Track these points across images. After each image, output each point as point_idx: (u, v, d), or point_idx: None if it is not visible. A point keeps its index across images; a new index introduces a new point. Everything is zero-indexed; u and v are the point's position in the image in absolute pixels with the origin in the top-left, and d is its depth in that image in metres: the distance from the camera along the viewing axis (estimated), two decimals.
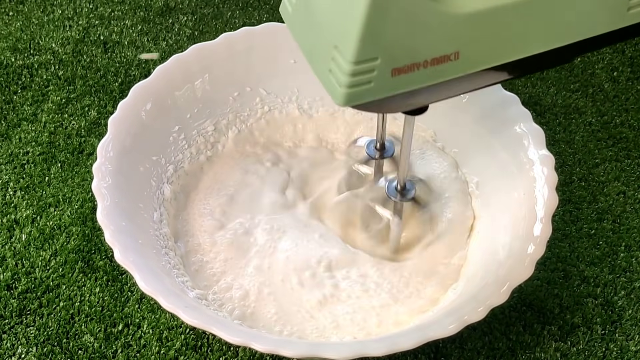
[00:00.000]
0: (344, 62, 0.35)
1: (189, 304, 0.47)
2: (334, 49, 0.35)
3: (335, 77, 0.36)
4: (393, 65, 0.36)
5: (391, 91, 0.37)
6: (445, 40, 0.36)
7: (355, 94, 0.36)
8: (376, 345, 0.44)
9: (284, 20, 0.41)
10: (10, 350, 0.51)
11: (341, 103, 0.36)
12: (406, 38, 0.35)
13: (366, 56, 0.35)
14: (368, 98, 0.36)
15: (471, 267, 0.54)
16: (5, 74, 0.71)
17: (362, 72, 0.35)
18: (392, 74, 0.36)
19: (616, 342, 0.52)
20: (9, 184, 0.61)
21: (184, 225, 0.57)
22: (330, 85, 0.37)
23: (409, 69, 0.36)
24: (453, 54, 0.37)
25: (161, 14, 0.79)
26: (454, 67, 0.37)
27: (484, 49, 0.38)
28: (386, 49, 0.35)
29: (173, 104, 0.59)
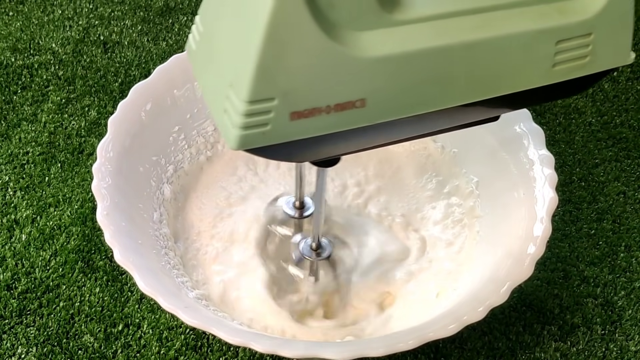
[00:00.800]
0: (237, 101, 0.32)
1: (189, 304, 0.47)
2: (230, 87, 0.32)
3: (230, 117, 0.32)
4: (292, 109, 0.32)
5: (291, 136, 0.33)
6: (349, 86, 0.33)
7: (249, 137, 0.32)
8: (376, 345, 0.44)
9: (189, 57, 0.38)
10: (10, 350, 0.51)
11: (234, 146, 0.32)
12: (306, 79, 0.32)
13: (261, 96, 0.31)
14: (264, 142, 0.33)
15: (471, 267, 0.54)
16: (5, 74, 0.71)
17: (257, 113, 0.32)
18: (290, 118, 0.32)
19: (616, 342, 0.52)
20: (9, 184, 0.61)
21: (184, 226, 0.57)
22: (224, 127, 0.33)
23: (309, 113, 0.33)
24: (358, 100, 0.33)
25: (161, 14, 0.79)
26: (360, 115, 0.34)
27: (393, 98, 0.34)
28: (284, 90, 0.32)
29: (173, 104, 0.59)
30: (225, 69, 0.33)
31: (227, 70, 0.33)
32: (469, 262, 0.55)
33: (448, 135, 0.61)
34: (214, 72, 0.34)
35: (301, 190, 0.52)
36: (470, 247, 0.56)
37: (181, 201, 0.58)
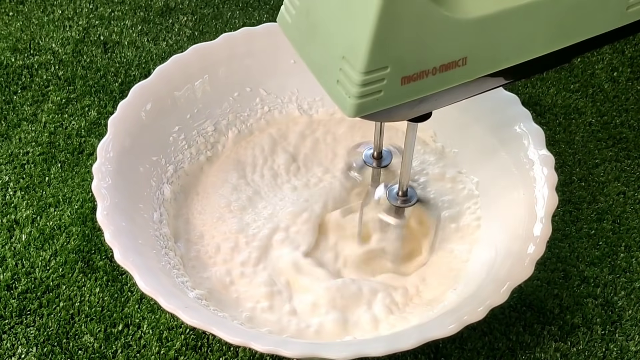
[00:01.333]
0: (353, 72, 0.35)
1: (189, 304, 0.47)
2: (342, 59, 0.35)
3: (345, 88, 0.35)
4: (403, 74, 0.36)
5: (401, 100, 0.37)
6: (453, 47, 0.36)
7: (365, 105, 0.36)
8: (376, 345, 0.44)
9: (283, 31, 0.41)
10: (10, 351, 0.51)
11: (351, 114, 0.36)
12: (415, 46, 0.35)
13: (376, 66, 0.34)
14: (378, 107, 0.36)
15: (471, 267, 0.54)
16: (5, 74, 0.71)
17: (372, 82, 0.35)
18: (401, 83, 0.36)
19: (616, 342, 0.52)
20: (9, 184, 0.61)
21: (184, 226, 0.57)
22: (339, 97, 0.36)
23: (418, 76, 0.36)
24: (461, 59, 0.37)
25: (161, 14, 0.79)
26: (462, 72, 0.38)
27: (490, 54, 0.38)
28: (396, 58, 0.35)
29: (173, 104, 0.59)
30: (335, 42, 0.35)
31: (338, 42, 0.35)
32: (469, 262, 0.55)
33: (448, 135, 0.61)
34: (320, 45, 0.37)
35: (381, 140, 0.53)
36: (470, 247, 0.56)
37: (181, 201, 0.58)
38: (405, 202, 0.51)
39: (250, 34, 0.62)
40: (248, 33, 0.62)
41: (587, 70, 0.74)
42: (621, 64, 0.75)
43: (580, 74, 0.73)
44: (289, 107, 0.64)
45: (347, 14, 0.35)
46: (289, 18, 0.40)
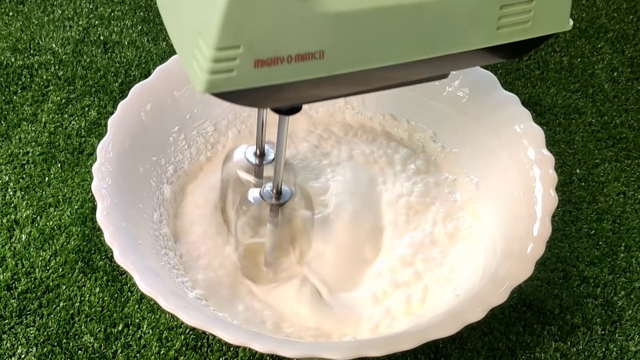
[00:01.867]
0: (205, 47, 0.35)
1: (189, 305, 0.47)
2: (198, 35, 0.35)
3: (198, 63, 0.35)
4: (256, 57, 0.35)
5: (254, 83, 0.36)
6: (310, 38, 0.36)
7: (216, 81, 0.35)
8: (376, 345, 0.44)
9: (159, 7, 0.41)
10: (10, 351, 0.51)
11: (201, 90, 0.35)
12: (270, 30, 0.35)
13: (228, 43, 0.34)
14: (229, 87, 0.36)
15: (470, 267, 0.54)
16: (6, 74, 0.71)
17: (223, 59, 0.35)
18: (255, 65, 0.36)
19: (616, 342, 0.52)
20: (9, 184, 0.61)
21: (184, 226, 0.57)
22: (193, 72, 0.36)
23: (272, 62, 0.36)
24: (318, 52, 0.36)
25: None
26: (320, 66, 0.37)
27: (349, 51, 0.37)
28: (249, 39, 0.35)
29: (173, 104, 0.59)
30: (193, 18, 0.36)
31: (196, 19, 0.36)
32: (469, 262, 0.55)
33: (448, 135, 0.61)
34: (182, 21, 0.37)
35: (262, 138, 0.52)
36: (470, 247, 0.56)
37: (181, 201, 0.58)
38: (278, 200, 0.50)
39: None
40: None
41: (587, 70, 0.74)
42: (621, 64, 0.75)
43: (580, 74, 0.73)
44: None
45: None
46: None
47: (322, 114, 0.64)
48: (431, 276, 0.54)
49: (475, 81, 0.60)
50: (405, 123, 0.63)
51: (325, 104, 0.64)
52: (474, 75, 0.60)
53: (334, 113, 0.65)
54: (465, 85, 0.60)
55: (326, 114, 0.65)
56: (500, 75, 0.71)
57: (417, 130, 0.63)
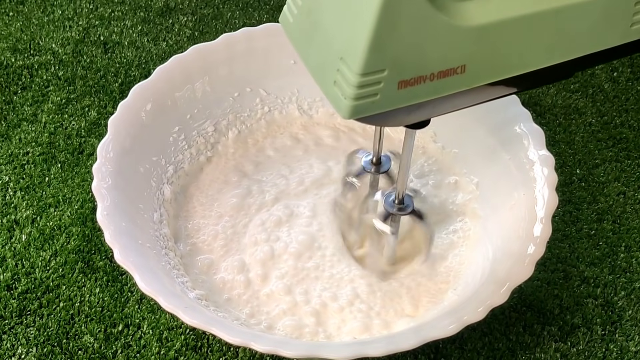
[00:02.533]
0: (350, 73, 0.34)
1: (189, 305, 0.47)
2: (340, 60, 0.35)
3: (341, 89, 0.35)
4: (400, 78, 0.35)
5: (397, 104, 0.36)
6: (452, 54, 0.36)
7: (361, 107, 0.35)
8: (376, 345, 0.44)
9: (285, 30, 0.41)
10: (10, 351, 0.51)
11: (346, 116, 0.35)
12: (414, 50, 0.35)
13: (373, 68, 0.34)
14: (374, 111, 0.36)
15: (471, 268, 0.54)
16: (6, 74, 0.71)
17: (368, 84, 0.35)
18: (398, 87, 0.36)
19: (616, 342, 0.52)
20: (9, 184, 0.61)
21: (184, 226, 0.57)
22: (335, 98, 0.36)
23: (415, 81, 0.36)
24: (460, 67, 0.37)
25: (161, 14, 0.79)
26: (460, 80, 0.37)
27: (490, 63, 0.38)
28: (394, 61, 0.35)
29: (173, 104, 0.59)
30: (334, 42, 0.35)
31: (337, 43, 0.35)
32: (469, 262, 0.55)
33: (448, 135, 0.61)
34: (319, 45, 0.37)
35: (380, 146, 0.53)
36: (470, 247, 0.56)
37: (181, 201, 0.58)
38: (401, 210, 0.50)
39: (250, 34, 0.62)
40: (248, 33, 0.62)
41: (587, 70, 0.74)
42: (621, 64, 0.75)
43: (580, 74, 0.73)
44: (289, 107, 0.64)
45: (347, 15, 0.35)
46: (291, 17, 0.40)
47: (322, 114, 0.64)
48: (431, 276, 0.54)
49: None
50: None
51: (326, 104, 0.64)
52: None
53: (334, 114, 0.65)
54: None
55: (326, 114, 0.65)
56: None
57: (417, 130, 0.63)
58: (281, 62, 0.62)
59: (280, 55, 0.62)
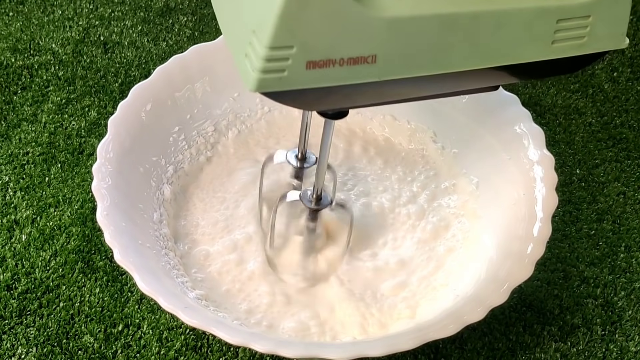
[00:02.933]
0: (259, 46, 0.35)
1: (189, 305, 0.47)
2: (252, 33, 0.35)
3: (250, 61, 0.35)
4: (308, 58, 0.35)
5: (305, 84, 0.36)
6: (363, 42, 0.36)
7: (267, 81, 0.35)
8: (376, 345, 0.44)
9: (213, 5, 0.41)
10: (10, 351, 0.51)
11: (252, 88, 0.35)
12: (324, 32, 0.35)
13: (281, 43, 0.34)
14: (281, 87, 0.36)
15: (470, 268, 0.54)
16: (6, 74, 0.71)
17: (276, 59, 0.35)
18: (307, 67, 0.36)
19: (616, 342, 0.52)
20: (9, 184, 0.61)
21: (184, 226, 0.57)
22: (245, 70, 0.36)
23: (324, 64, 0.36)
24: (370, 56, 0.36)
25: (161, 14, 0.79)
26: (371, 70, 0.37)
27: (402, 58, 0.37)
28: (302, 39, 0.35)
29: (173, 104, 0.59)
30: (248, 17, 0.36)
31: (251, 17, 0.36)
32: (469, 262, 0.55)
33: (448, 135, 0.61)
34: (237, 19, 0.37)
35: (305, 141, 0.52)
36: (470, 247, 0.56)
37: (181, 201, 0.58)
38: (317, 205, 0.50)
39: None
40: None
41: (587, 70, 0.74)
42: (621, 64, 0.75)
43: (580, 74, 0.73)
44: (289, 107, 0.64)
45: None
46: None
47: None
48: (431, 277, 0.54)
49: None
50: (406, 123, 0.63)
51: None
52: None
53: None
54: None
55: None
56: None
57: (418, 131, 0.63)
58: None
59: None
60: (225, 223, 0.57)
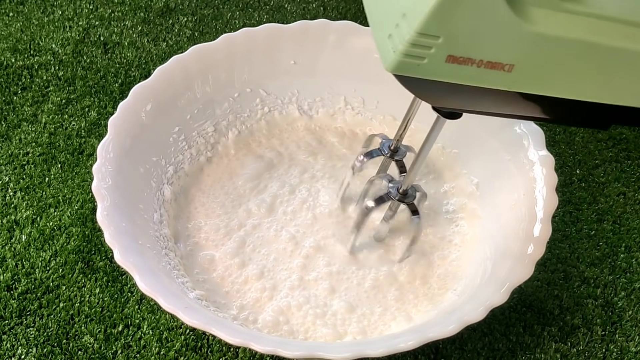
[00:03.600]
0: (407, 29, 0.35)
1: (189, 305, 0.47)
2: (402, 16, 0.36)
3: (393, 43, 0.36)
4: (450, 52, 0.36)
5: (440, 76, 0.37)
6: (506, 49, 0.37)
7: (405, 65, 0.36)
8: (376, 346, 0.44)
9: None
10: (10, 351, 0.51)
11: (390, 68, 0.37)
12: (472, 30, 0.36)
13: (430, 31, 0.35)
14: (416, 73, 0.37)
15: (471, 268, 0.54)
16: (6, 74, 0.71)
17: (420, 46, 0.36)
18: (446, 60, 0.36)
19: (616, 343, 0.52)
20: (9, 184, 0.61)
21: (184, 226, 0.57)
22: (385, 50, 0.37)
23: (463, 61, 0.37)
24: (508, 65, 0.37)
25: (161, 14, 0.79)
26: (504, 78, 0.38)
27: (537, 73, 0.38)
28: (450, 33, 0.35)
29: (173, 105, 0.59)
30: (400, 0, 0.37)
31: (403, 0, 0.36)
32: (469, 263, 0.55)
33: (448, 135, 0.61)
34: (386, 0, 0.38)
35: (402, 134, 0.53)
36: (470, 248, 0.56)
37: (181, 202, 0.58)
38: (402, 200, 0.51)
39: (250, 34, 0.62)
40: (248, 33, 0.62)
41: None
42: None
43: None
44: (289, 107, 0.64)
45: None
46: None
47: (322, 114, 0.64)
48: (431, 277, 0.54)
49: None
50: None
51: (326, 105, 0.64)
52: None
53: (334, 114, 0.65)
54: None
55: (326, 114, 0.65)
56: None
57: (418, 131, 0.63)
58: (281, 62, 0.62)
59: (281, 56, 0.62)
60: (226, 222, 0.57)
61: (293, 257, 0.55)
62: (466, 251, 0.55)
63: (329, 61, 0.63)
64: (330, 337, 0.50)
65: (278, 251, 0.56)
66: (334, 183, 0.60)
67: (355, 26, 0.62)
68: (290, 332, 0.51)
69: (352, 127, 0.65)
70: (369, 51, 0.62)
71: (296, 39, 0.62)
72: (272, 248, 0.56)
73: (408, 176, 0.50)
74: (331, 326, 0.51)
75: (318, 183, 0.60)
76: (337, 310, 0.52)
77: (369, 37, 0.62)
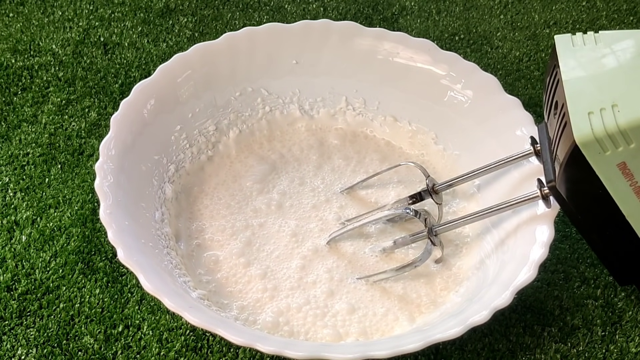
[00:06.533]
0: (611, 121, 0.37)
1: (193, 305, 0.47)
2: (611, 104, 0.37)
3: (592, 122, 0.38)
4: (628, 160, 0.38)
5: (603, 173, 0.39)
6: None
7: (593, 146, 0.38)
8: (381, 347, 0.44)
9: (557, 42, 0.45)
10: (10, 352, 0.51)
11: (578, 138, 0.39)
12: None
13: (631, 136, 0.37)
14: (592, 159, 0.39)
15: (473, 270, 0.54)
16: (6, 75, 0.71)
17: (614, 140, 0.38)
18: (618, 164, 0.39)
19: (616, 343, 0.52)
20: (9, 185, 0.61)
21: (185, 225, 0.57)
22: (580, 120, 0.39)
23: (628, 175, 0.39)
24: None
25: (161, 15, 0.79)
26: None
27: None
28: None
29: (175, 103, 0.59)
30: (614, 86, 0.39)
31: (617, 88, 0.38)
32: (471, 265, 0.55)
33: (450, 138, 0.61)
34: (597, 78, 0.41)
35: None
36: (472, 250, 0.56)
37: (182, 200, 0.58)
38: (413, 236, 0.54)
39: (252, 33, 0.62)
40: (250, 33, 0.62)
41: None
42: None
43: None
44: (290, 107, 0.64)
45: None
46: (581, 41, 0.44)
47: (322, 114, 0.64)
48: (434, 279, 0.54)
49: (477, 84, 0.60)
50: (407, 125, 0.63)
51: (327, 105, 0.64)
52: (477, 79, 0.60)
53: (335, 114, 0.65)
54: (467, 88, 0.60)
55: (327, 115, 0.65)
56: (500, 76, 0.71)
57: (419, 132, 0.63)
58: (283, 62, 0.62)
59: (282, 55, 0.62)
60: (226, 222, 0.57)
61: (292, 257, 0.55)
62: (468, 254, 0.55)
63: (330, 61, 0.63)
64: (330, 337, 0.50)
65: (280, 249, 0.56)
66: (338, 185, 0.60)
67: (358, 27, 0.62)
68: (290, 332, 0.51)
69: (353, 128, 0.65)
70: (370, 52, 0.62)
71: (298, 38, 0.62)
72: (277, 244, 0.56)
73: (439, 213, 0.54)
74: (331, 327, 0.51)
75: (322, 184, 0.60)
76: (338, 311, 0.52)
77: (371, 38, 0.62)
